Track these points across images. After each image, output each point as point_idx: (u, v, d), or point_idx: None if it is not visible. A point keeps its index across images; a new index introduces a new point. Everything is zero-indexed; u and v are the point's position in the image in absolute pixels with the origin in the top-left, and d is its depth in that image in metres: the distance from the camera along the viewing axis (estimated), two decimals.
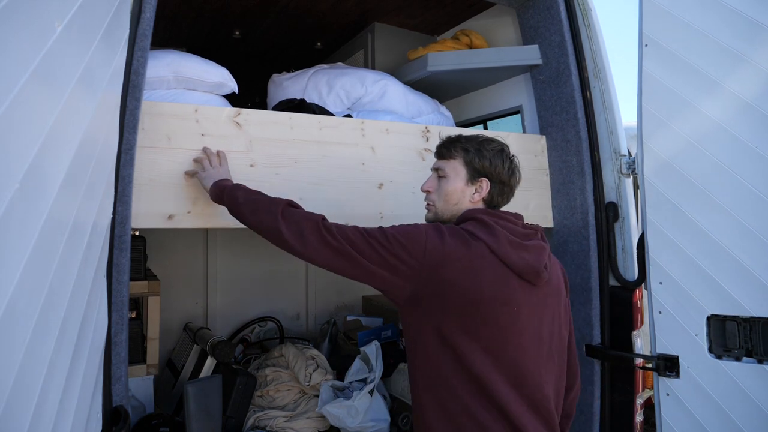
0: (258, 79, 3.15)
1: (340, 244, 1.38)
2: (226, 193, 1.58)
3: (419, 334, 1.41)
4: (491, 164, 1.49)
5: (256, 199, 1.55)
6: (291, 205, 1.51)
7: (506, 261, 1.38)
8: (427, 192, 1.59)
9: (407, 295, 1.38)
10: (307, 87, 2.41)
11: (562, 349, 1.54)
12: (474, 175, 1.50)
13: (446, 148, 1.55)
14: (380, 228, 1.42)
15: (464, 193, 1.51)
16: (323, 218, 1.45)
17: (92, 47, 1.04)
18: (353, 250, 1.37)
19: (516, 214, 1.51)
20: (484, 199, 1.51)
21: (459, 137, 1.56)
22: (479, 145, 1.51)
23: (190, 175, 1.71)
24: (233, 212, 1.59)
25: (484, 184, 1.50)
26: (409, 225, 1.42)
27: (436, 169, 1.58)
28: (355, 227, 1.42)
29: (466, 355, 1.35)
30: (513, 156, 1.56)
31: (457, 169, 1.51)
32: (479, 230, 1.40)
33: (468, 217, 1.47)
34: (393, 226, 1.42)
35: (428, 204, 1.60)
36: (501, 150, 1.53)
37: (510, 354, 1.38)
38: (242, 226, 1.80)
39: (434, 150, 1.62)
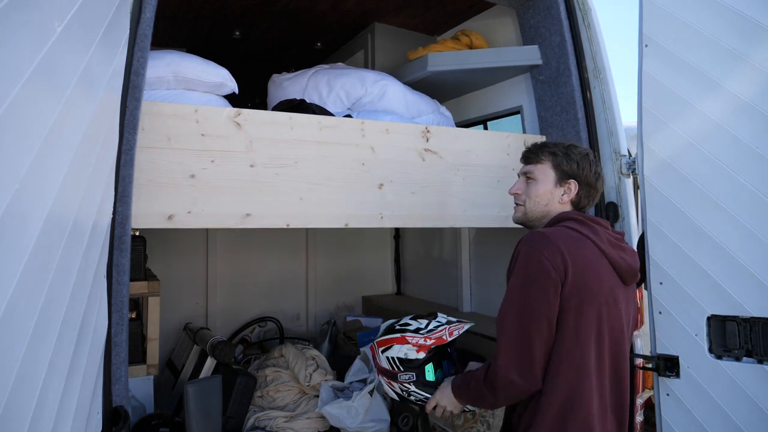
0: (258, 79, 3.15)
1: (518, 355, 1.40)
2: (461, 399, 1.63)
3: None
4: (579, 167, 1.57)
5: (474, 393, 1.56)
6: (483, 380, 1.50)
7: (609, 258, 1.45)
8: (516, 194, 1.67)
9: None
10: (307, 87, 2.41)
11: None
12: (563, 177, 1.58)
13: (534, 153, 1.63)
14: (511, 291, 1.43)
15: (553, 195, 1.59)
16: (496, 360, 1.46)
17: (92, 47, 1.04)
18: (527, 336, 1.39)
19: (604, 219, 1.61)
20: (572, 201, 1.59)
21: (546, 143, 1.66)
22: (566, 149, 1.60)
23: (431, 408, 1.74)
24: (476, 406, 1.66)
25: (573, 186, 1.57)
26: (518, 259, 1.44)
27: (524, 173, 1.66)
28: (506, 330, 1.43)
29: (586, 352, 1.41)
30: (598, 161, 1.66)
31: (546, 172, 1.60)
32: (581, 228, 1.48)
33: (565, 217, 1.54)
34: (514, 275, 1.44)
35: (517, 205, 1.67)
36: (587, 154, 1.61)
37: (614, 351, 1.47)
38: (242, 226, 1.81)
39: (521, 156, 1.70)
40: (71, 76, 0.92)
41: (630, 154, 2.23)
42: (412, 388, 1.80)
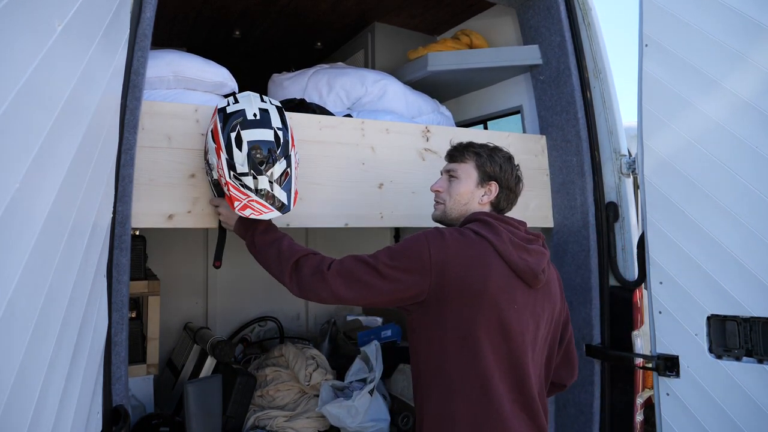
0: (258, 78, 3.15)
1: (346, 280, 1.42)
2: (247, 236, 1.66)
3: (428, 338, 1.45)
4: (501, 169, 1.58)
5: (269, 252, 1.60)
6: (300, 259, 1.52)
7: (507, 260, 1.43)
8: (437, 192, 1.65)
9: (420, 301, 1.42)
10: (307, 87, 2.41)
11: (549, 355, 1.60)
12: (485, 179, 1.58)
13: (459, 152, 1.63)
14: (385, 248, 1.47)
15: (474, 195, 1.58)
16: (330, 264, 1.47)
17: (92, 47, 1.04)
18: (363, 278, 1.41)
19: (520, 221, 1.58)
20: (491, 203, 1.59)
21: (471, 143, 1.64)
22: (491, 151, 1.61)
23: (213, 204, 1.73)
24: (251, 252, 1.67)
25: (494, 188, 1.57)
26: (410, 236, 1.47)
27: (447, 171, 1.65)
28: (359, 258, 1.46)
29: (473, 354, 1.39)
30: (518, 165, 1.65)
31: (469, 172, 1.59)
32: (483, 229, 1.46)
33: (473, 218, 1.54)
34: (397, 243, 1.48)
35: (437, 203, 1.66)
36: (509, 158, 1.62)
37: (512, 354, 1.42)
38: None
39: (445, 154, 1.69)
40: (71, 76, 0.92)
41: (630, 154, 2.23)
42: (215, 175, 1.60)
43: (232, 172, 1.53)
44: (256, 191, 1.53)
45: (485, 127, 3.01)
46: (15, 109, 0.67)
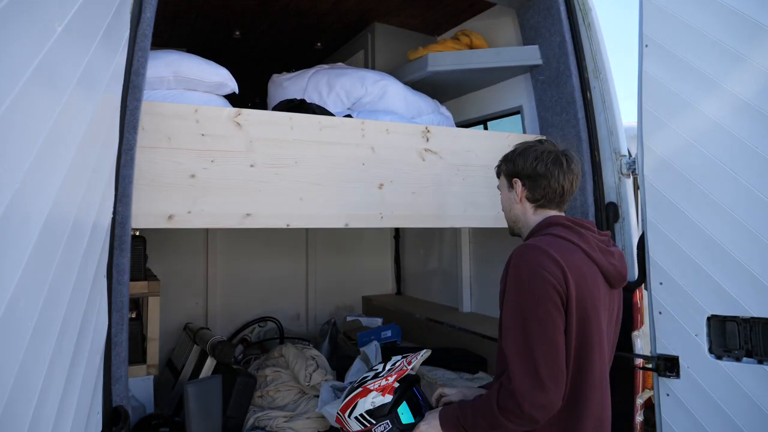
0: (258, 79, 3.16)
1: (533, 367, 1.33)
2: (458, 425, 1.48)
3: None
4: (515, 165, 1.59)
5: (470, 415, 1.45)
6: (500, 405, 1.37)
7: (600, 267, 1.44)
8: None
9: None
10: (308, 87, 2.41)
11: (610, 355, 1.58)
12: (509, 180, 1.63)
13: (496, 170, 1.71)
14: (514, 309, 1.38)
15: (510, 199, 1.64)
16: (511, 381, 1.35)
17: (92, 47, 1.04)
18: (543, 347, 1.33)
19: (590, 221, 1.60)
20: (528, 198, 1.58)
21: (504, 156, 1.67)
22: (510, 153, 1.64)
23: None
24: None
25: (518, 185, 1.59)
26: (516, 273, 1.40)
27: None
28: (517, 344, 1.36)
29: (578, 366, 1.39)
30: (546, 150, 1.55)
31: (502, 182, 1.68)
32: (571, 235, 1.47)
33: (550, 223, 1.53)
34: (514, 292, 1.40)
35: None
36: (525, 149, 1.60)
37: (601, 361, 1.44)
38: (242, 226, 1.81)
39: None
40: (71, 76, 0.92)
41: (630, 154, 2.23)
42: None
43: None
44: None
45: (485, 128, 3.02)
46: (15, 110, 0.67)
